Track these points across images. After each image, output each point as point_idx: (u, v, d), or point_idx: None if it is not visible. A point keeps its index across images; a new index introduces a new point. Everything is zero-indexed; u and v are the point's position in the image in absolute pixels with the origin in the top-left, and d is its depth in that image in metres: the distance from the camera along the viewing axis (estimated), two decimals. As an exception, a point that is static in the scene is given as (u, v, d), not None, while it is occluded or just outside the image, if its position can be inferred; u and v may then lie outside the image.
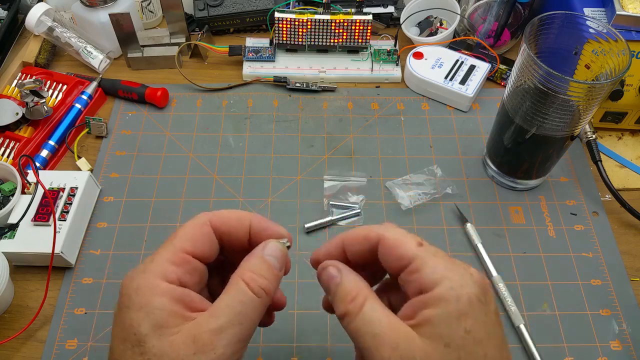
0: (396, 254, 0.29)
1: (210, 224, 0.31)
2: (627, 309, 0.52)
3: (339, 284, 0.30)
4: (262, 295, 0.28)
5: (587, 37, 0.50)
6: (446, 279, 0.27)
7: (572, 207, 0.59)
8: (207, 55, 0.75)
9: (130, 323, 0.26)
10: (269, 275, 0.29)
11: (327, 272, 0.31)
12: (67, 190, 0.55)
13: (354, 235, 0.32)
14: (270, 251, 0.31)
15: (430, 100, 0.70)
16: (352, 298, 0.28)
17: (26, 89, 0.60)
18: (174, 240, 0.30)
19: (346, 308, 0.28)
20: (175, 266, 0.29)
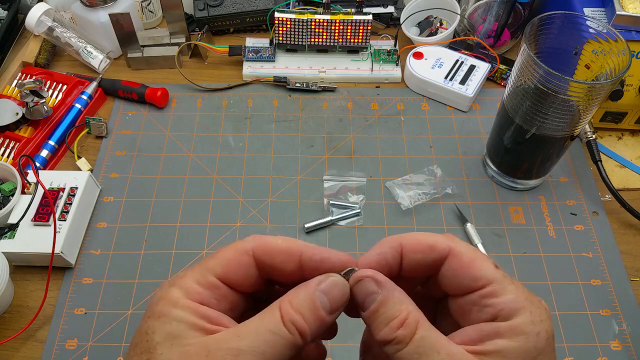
0: (472, 274, 0.26)
1: (253, 253, 0.27)
2: (627, 309, 0.52)
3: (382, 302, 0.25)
4: (294, 334, 0.24)
5: (587, 37, 0.50)
6: (527, 311, 0.25)
7: (572, 207, 0.59)
8: (207, 55, 0.75)
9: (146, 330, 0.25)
10: (310, 316, 0.25)
11: (363, 284, 0.26)
12: (67, 190, 0.55)
13: (417, 241, 0.27)
14: (326, 287, 0.26)
15: (430, 100, 0.70)
16: (402, 321, 0.24)
17: (26, 89, 0.60)
18: (209, 261, 0.27)
19: (394, 334, 0.24)
20: (202, 288, 0.26)
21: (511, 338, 0.24)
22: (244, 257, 0.27)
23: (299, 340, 0.25)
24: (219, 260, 0.27)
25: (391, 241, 0.27)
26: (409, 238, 0.27)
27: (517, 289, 0.25)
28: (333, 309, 0.26)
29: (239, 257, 0.27)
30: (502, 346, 0.24)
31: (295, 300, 0.25)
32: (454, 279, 0.26)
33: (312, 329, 0.25)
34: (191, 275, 0.27)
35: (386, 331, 0.25)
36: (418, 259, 0.27)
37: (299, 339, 0.24)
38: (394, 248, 0.27)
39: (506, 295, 0.25)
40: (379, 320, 0.25)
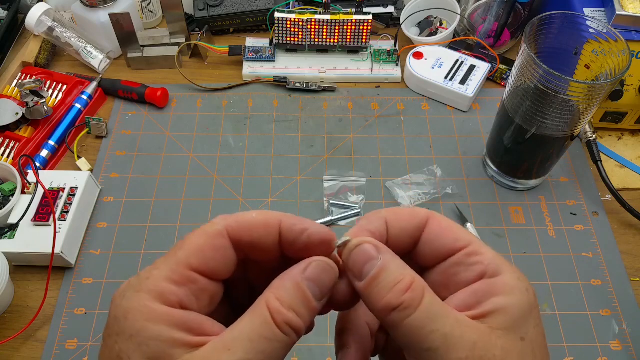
0: (453, 235, 0.25)
1: (227, 234, 0.24)
2: (627, 309, 0.52)
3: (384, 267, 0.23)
4: (290, 334, 0.22)
5: (587, 37, 0.50)
6: (510, 268, 0.24)
7: (572, 207, 0.59)
8: (207, 55, 0.74)
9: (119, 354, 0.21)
10: (303, 309, 0.23)
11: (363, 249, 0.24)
12: (67, 190, 0.55)
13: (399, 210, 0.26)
14: (312, 274, 0.24)
15: (430, 100, 0.70)
16: (408, 285, 0.23)
17: (26, 89, 0.60)
18: (179, 253, 0.23)
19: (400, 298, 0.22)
20: (177, 286, 0.23)
21: (507, 294, 0.23)
22: (219, 240, 0.24)
23: (295, 338, 0.23)
24: (190, 249, 0.24)
25: (375, 214, 0.26)
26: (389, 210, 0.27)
27: (493, 251, 0.25)
28: (323, 296, 0.24)
29: (212, 241, 0.24)
30: (501, 304, 0.23)
31: (284, 296, 0.23)
32: (436, 241, 0.26)
33: (306, 321, 0.23)
34: (160, 272, 0.23)
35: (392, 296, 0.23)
36: (402, 227, 0.26)
37: (295, 337, 0.23)
38: (379, 219, 0.26)
39: (488, 254, 0.25)
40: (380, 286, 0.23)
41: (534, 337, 0.23)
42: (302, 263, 0.24)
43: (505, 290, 0.23)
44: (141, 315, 0.21)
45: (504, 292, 0.23)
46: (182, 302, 0.23)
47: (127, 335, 0.21)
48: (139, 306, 0.22)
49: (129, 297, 0.22)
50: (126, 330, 0.21)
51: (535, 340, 0.23)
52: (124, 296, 0.22)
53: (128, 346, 0.21)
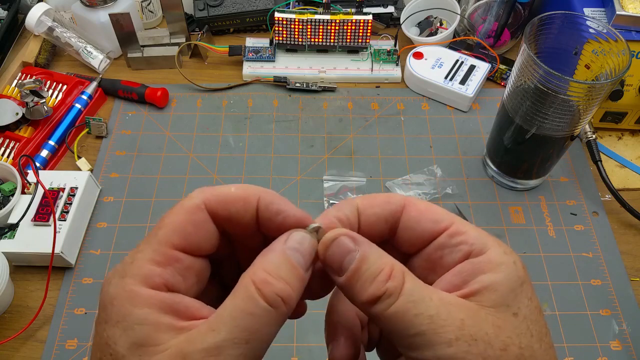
0: (433, 217, 0.24)
1: (205, 208, 0.24)
2: (627, 309, 0.52)
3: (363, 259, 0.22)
4: (279, 306, 0.21)
5: (587, 37, 0.50)
6: (495, 243, 0.23)
7: (572, 207, 0.59)
8: (207, 55, 0.74)
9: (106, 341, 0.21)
10: (291, 277, 0.22)
11: (340, 243, 0.23)
12: (67, 190, 0.55)
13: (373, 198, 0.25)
14: (294, 243, 0.23)
15: (430, 100, 0.70)
16: (388, 274, 0.22)
17: (26, 89, 0.60)
18: (159, 232, 0.23)
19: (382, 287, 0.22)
20: (160, 267, 0.22)
21: (495, 270, 0.22)
22: (198, 214, 0.23)
23: (286, 310, 0.22)
24: (170, 227, 0.23)
25: (346, 201, 0.25)
26: (363, 197, 0.26)
27: (476, 227, 0.24)
28: (307, 265, 0.23)
29: (191, 217, 0.23)
30: (488, 281, 0.22)
31: (270, 266, 0.22)
32: (415, 226, 0.25)
33: (295, 291, 0.22)
34: (143, 255, 0.22)
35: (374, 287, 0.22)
36: (376, 213, 0.25)
37: (285, 309, 0.21)
38: (351, 205, 0.25)
39: (471, 232, 0.24)
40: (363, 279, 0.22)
41: (528, 313, 0.22)
42: (281, 236, 0.24)
43: (492, 267, 0.22)
44: (126, 300, 0.21)
45: (491, 268, 0.22)
46: (168, 282, 0.22)
47: (113, 321, 0.21)
48: (123, 291, 0.21)
49: (114, 284, 0.22)
50: (112, 317, 0.21)
51: (529, 316, 0.22)
52: (110, 283, 0.22)
53: (114, 332, 0.21)
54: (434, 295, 0.22)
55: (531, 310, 0.22)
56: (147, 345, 0.20)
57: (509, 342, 0.21)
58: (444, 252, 0.24)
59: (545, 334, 0.22)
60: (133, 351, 0.20)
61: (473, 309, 0.22)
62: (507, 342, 0.21)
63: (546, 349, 0.22)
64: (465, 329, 0.21)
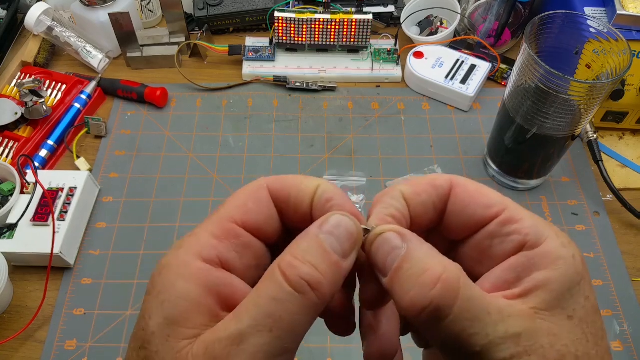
0: (483, 201, 0.22)
1: (268, 187, 0.23)
2: (628, 309, 0.52)
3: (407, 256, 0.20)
4: (306, 291, 0.19)
5: (588, 37, 0.49)
6: (553, 233, 0.21)
7: (573, 207, 0.59)
8: (207, 54, 0.74)
9: (143, 314, 0.20)
10: (320, 261, 0.20)
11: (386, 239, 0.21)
12: (66, 190, 0.55)
13: (417, 183, 0.23)
14: (330, 227, 0.21)
15: (431, 100, 0.70)
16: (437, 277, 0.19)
17: (25, 88, 0.60)
18: (221, 209, 0.22)
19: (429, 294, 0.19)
20: (218, 240, 0.21)
21: (550, 267, 0.20)
22: (260, 192, 0.23)
23: (315, 298, 0.19)
24: (234, 202, 0.22)
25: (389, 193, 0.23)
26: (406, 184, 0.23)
27: (532, 214, 0.22)
28: (345, 251, 0.21)
29: (254, 194, 0.22)
30: (544, 278, 0.20)
31: (297, 251, 0.20)
32: (464, 211, 0.22)
33: (327, 277, 0.20)
34: (204, 228, 0.21)
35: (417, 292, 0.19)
36: (423, 201, 0.23)
37: (313, 296, 0.19)
38: (396, 198, 0.23)
39: (526, 220, 0.21)
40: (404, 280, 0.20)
41: (584, 314, 0.20)
42: (318, 220, 0.21)
43: (548, 262, 0.20)
44: (175, 269, 0.20)
45: (547, 264, 0.20)
46: (223, 257, 0.21)
47: (156, 291, 0.20)
48: (175, 261, 0.20)
49: (169, 254, 0.21)
50: (156, 286, 0.20)
51: (585, 318, 0.20)
52: (166, 254, 0.21)
53: (153, 303, 0.20)
54: (492, 307, 0.19)
55: (587, 312, 0.20)
56: (180, 324, 0.19)
57: (564, 351, 0.19)
58: (494, 242, 0.22)
59: (602, 337, 0.21)
60: (163, 328, 0.19)
61: (529, 317, 0.20)
62: (563, 351, 0.19)
63: (602, 356, 0.20)
64: (521, 345, 0.19)
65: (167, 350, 0.19)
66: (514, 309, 0.20)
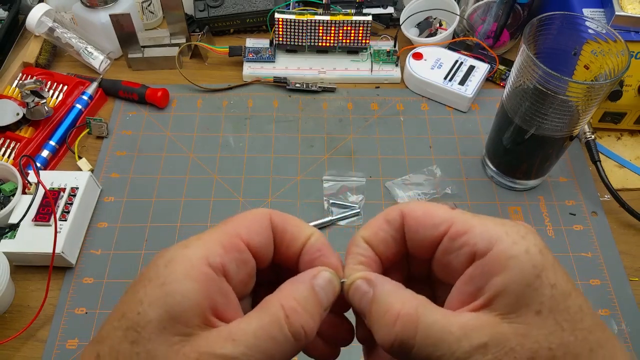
0: (430, 222, 0.23)
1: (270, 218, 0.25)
2: (626, 308, 0.52)
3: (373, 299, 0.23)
4: (301, 338, 0.21)
5: (586, 38, 0.50)
6: (502, 233, 0.21)
7: (571, 207, 0.60)
8: (208, 55, 0.75)
9: (141, 299, 0.20)
10: (315, 313, 0.22)
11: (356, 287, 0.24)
12: (67, 190, 0.56)
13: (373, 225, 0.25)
14: (322, 282, 0.23)
15: (430, 101, 0.70)
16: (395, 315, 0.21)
17: (27, 89, 0.60)
18: (228, 224, 0.24)
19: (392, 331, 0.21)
20: (224, 250, 0.22)
21: (504, 269, 0.21)
22: (264, 219, 0.24)
23: (303, 344, 0.22)
24: (240, 222, 0.24)
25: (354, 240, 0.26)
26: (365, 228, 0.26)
27: (482, 219, 0.23)
28: (328, 305, 0.23)
29: (259, 220, 0.24)
30: (501, 284, 0.21)
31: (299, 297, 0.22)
32: (417, 236, 0.24)
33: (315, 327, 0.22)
34: (211, 235, 0.23)
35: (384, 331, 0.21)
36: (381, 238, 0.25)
37: (303, 342, 0.22)
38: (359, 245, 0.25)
39: (475, 228, 0.22)
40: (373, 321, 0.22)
41: (553, 304, 0.20)
42: (310, 270, 0.24)
43: (501, 266, 0.21)
44: (182, 267, 0.21)
45: (500, 268, 0.21)
46: (226, 267, 0.22)
47: (160, 281, 0.21)
48: (183, 259, 0.21)
49: (175, 250, 0.22)
50: (160, 277, 0.21)
51: (555, 307, 0.20)
52: (169, 249, 0.22)
53: (155, 292, 0.20)
54: (453, 326, 0.21)
55: (556, 300, 0.20)
56: (178, 320, 0.20)
57: (536, 347, 0.20)
58: (451, 258, 0.23)
59: (581, 319, 0.20)
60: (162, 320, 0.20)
61: (494, 325, 0.20)
62: (535, 347, 0.20)
63: (584, 338, 0.20)
64: (490, 353, 0.20)
65: (161, 341, 0.20)
66: (478, 320, 0.21)
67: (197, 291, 0.20)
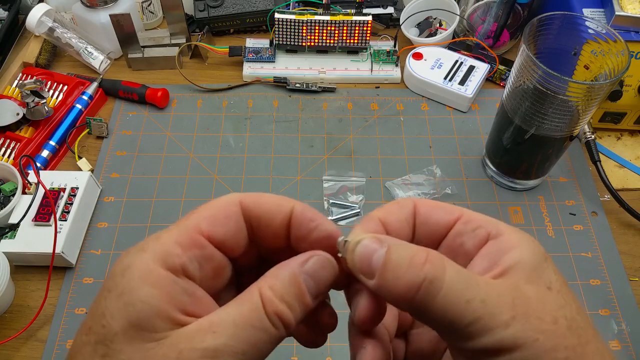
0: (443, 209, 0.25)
1: (240, 204, 0.23)
2: (626, 308, 0.52)
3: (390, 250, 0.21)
4: (279, 328, 0.21)
5: (586, 38, 0.50)
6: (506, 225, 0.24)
7: (571, 207, 0.60)
8: (208, 55, 0.75)
9: (103, 311, 0.20)
10: (295, 303, 0.22)
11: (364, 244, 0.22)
12: (67, 190, 0.56)
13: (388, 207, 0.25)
14: (311, 269, 0.22)
15: (430, 101, 0.70)
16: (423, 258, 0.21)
17: (27, 89, 0.60)
18: (189, 218, 0.23)
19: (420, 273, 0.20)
20: (182, 249, 0.22)
21: (520, 248, 0.22)
22: (231, 207, 0.23)
23: (284, 334, 0.22)
24: (203, 213, 0.23)
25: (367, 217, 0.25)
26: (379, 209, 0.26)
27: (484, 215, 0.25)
28: (319, 293, 0.23)
29: (225, 208, 0.23)
30: (517, 258, 0.22)
31: (278, 286, 0.22)
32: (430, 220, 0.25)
33: (297, 319, 0.22)
34: (169, 234, 0.22)
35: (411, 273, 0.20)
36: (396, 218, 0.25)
37: (283, 332, 0.21)
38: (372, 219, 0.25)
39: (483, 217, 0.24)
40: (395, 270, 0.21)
41: (559, 286, 0.22)
42: (302, 255, 0.23)
43: (514, 245, 0.22)
44: (139, 273, 0.20)
45: (513, 246, 0.22)
46: (185, 266, 0.21)
47: (118, 291, 0.20)
48: (139, 264, 0.21)
49: (131, 255, 0.21)
50: (119, 287, 0.20)
51: (561, 289, 0.22)
52: (128, 253, 0.21)
53: (115, 304, 0.20)
54: (480, 280, 0.21)
55: (561, 284, 0.22)
56: (144, 329, 0.20)
57: (556, 314, 0.21)
58: (464, 239, 0.24)
59: (579, 306, 0.22)
60: (127, 331, 0.20)
61: (516, 286, 0.21)
62: (555, 315, 0.21)
63: (585, 319, 0.22)
64: (517, 308, 0.20)
65: (134, 350, 0.20)
66: (499, 281, 0.21)
67: (157, 296, 0.20)
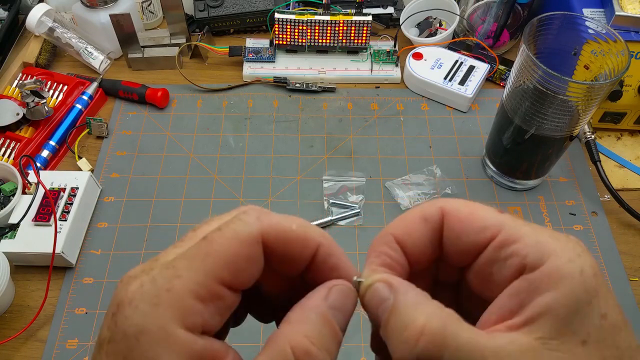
0: (476, 225, 0.20)
1: (262, 240, 0.20)
2: (626, 308, 0.52)
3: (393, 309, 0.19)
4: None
5: (586, 38, 0.50)
6: (557, 248, 0.19)
7: (571, 207, 0.60)
8: (208, 55, 0.75)
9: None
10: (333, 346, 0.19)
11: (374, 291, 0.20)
12: (67, 190, 0.56)
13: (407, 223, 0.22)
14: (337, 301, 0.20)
15: (430, 101, 0.70)
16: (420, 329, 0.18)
17: (27, 89, 0.60)
18: (208, 261, 0.19)
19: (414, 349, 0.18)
20: (204, 304, 0.19)
21: (554, 288, 0.18)
22: (254, 249, 0.20)
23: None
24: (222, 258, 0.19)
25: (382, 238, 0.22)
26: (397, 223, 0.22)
27: (534, 229, 0.20)
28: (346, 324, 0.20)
29: (247, 251, 0.20)
30: (549, 302, 0.18)
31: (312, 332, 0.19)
32: (459, 240, 0.21)
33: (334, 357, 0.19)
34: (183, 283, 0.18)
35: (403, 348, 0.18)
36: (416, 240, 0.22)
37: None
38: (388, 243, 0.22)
39: (527, 238, 0.19)
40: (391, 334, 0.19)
41: (601, 336, 0.18)
42: (320, 289, 0.21)
43: (551, 283, 0.18)
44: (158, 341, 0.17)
45: (550, 286, 0.18)
46: (207, 323, 0.19)
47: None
48: (156, 328, 0.18)
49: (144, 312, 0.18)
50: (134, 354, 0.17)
51: (602, 340, 0.18)
52: (136, 307, 0.18)
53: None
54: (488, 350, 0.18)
55: (605, 333, 0.18)
56: None
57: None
58: (494, 268, 0.20)
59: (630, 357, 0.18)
60: None
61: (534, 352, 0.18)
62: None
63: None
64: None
65: None
66: (515, 345, 0.18)
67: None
